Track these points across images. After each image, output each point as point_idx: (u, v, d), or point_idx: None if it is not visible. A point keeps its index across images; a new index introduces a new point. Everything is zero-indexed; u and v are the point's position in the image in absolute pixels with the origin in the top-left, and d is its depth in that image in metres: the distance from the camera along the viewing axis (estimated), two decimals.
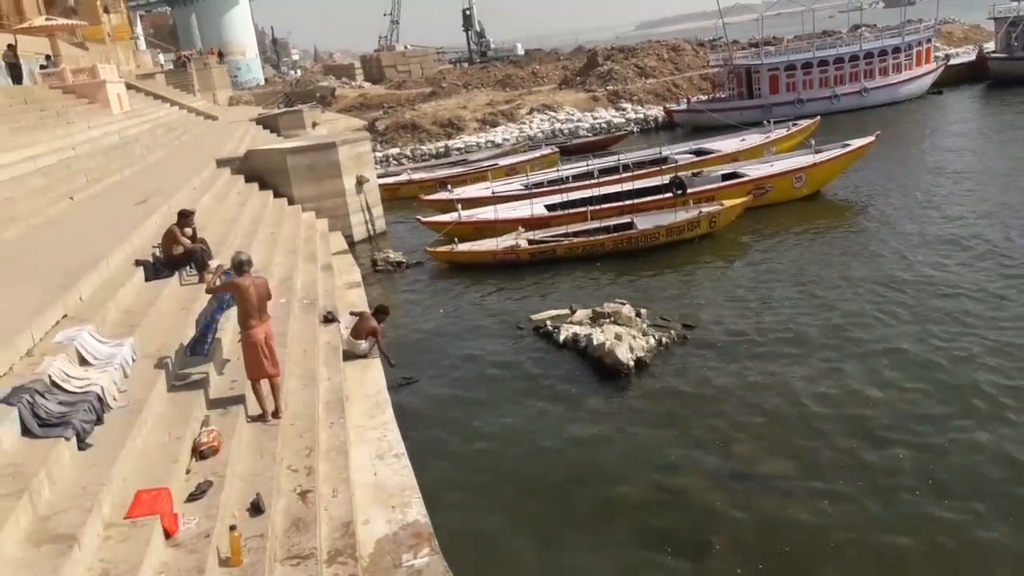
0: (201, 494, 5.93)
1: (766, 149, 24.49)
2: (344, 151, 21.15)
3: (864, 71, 37.64)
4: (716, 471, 8.72)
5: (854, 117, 34.30)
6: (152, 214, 12.22)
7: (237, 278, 7.40)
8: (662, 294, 14.84)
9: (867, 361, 11.00)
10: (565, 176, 23.76)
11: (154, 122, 25.47)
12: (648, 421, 9.98)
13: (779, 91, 37.53)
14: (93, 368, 6.75)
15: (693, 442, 9.35)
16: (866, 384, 10.32)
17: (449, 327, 14.28)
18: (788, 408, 9.92)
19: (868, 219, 18.69)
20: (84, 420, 5.93)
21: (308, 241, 16.29)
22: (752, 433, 9.41)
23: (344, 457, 7.65)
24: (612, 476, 8.84)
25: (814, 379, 10.62)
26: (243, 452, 6.89)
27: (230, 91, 53.84)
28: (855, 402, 9.90)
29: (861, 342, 11.63)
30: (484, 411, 10.81)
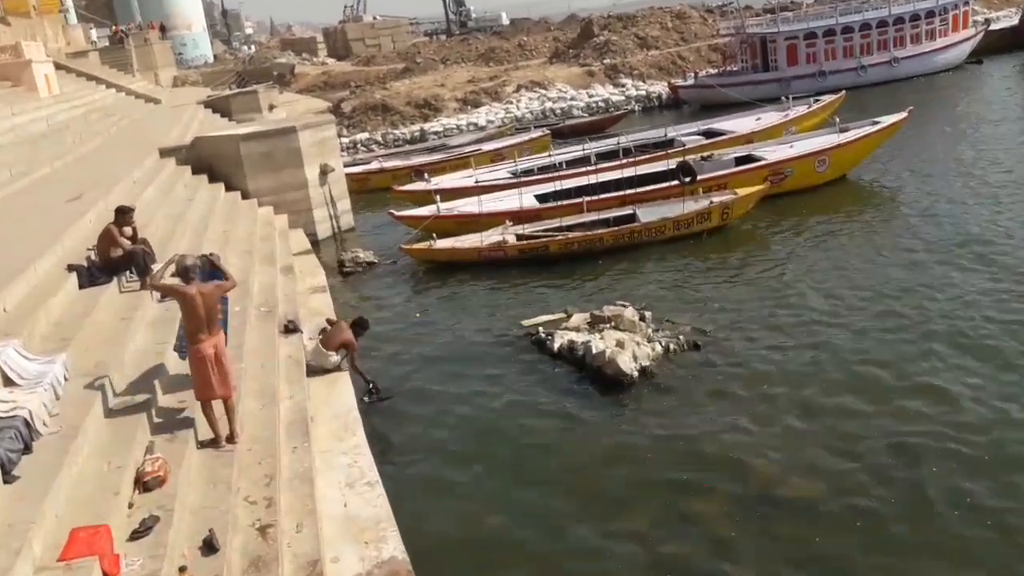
0: (146, 531, 5.90)
1: (785, 129, 24.62)
2: (306, 137, 21.10)
3: (894, 39, 37.90)
4: (733, 494, 8.74)
5: (883, 91, 34.56)
6: (86, 212, 12.16)
7: (183, 285, 7.36)
8: (669, 295, 14.88)
9: (901, 369, 11.06)
10: (558, 162, 23.78)
11: (88, 107, 25.35)
12: (655, 438, 10.00)
13: (798, 63, 37.76)
14: (20, 389, 6.71)
15: (706, 462, 9.38)
16: (901, 395, 10.38)
17: (428, 336, 14.27)
18: (812, 423, 9.96)
19: (901, 207, 18.82)
20: (9, 449, 5.90)
21: (265, 240, 16.25)
22: (772, 451, 9.44)
23: (309, 486, 7.63)
24: (616, 502, 8.86)
25: (842, 390, 10.68)
26: (193, 482, 6.86)
27: (174, 70, 53.66)
28: (888, 416, 9.95)
29: (895, 347, 11.71)
30: (469, 431, 10.81)
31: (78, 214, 12.07)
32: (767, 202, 19.26)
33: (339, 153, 23.61)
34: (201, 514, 6.44)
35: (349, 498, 8.04)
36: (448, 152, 30.49)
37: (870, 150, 21.65)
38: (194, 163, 19.88)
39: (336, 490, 8.16)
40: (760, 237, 17.88)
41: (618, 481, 9.26)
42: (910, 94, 31.19)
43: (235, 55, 78.65)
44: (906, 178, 20.97)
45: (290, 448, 8.21)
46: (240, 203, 19.01)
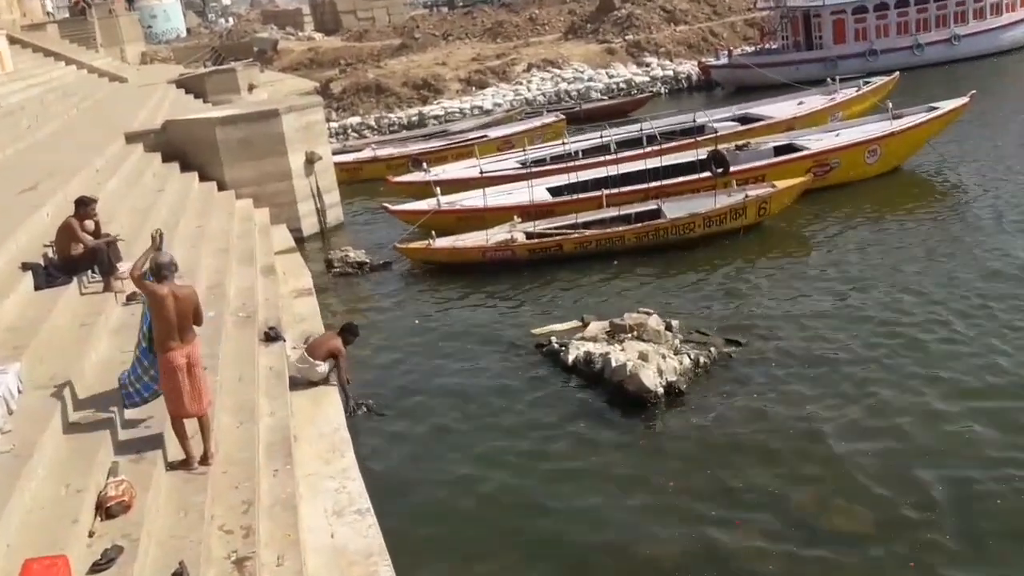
0: (108, 563, 5.90)
1: (830, 115, 24.60)
2: (290, 121, 21.16)
3: (955, 14, 37.81)
4: (770, 528, 8.71)
5: (942, 72, 34.48)
6: (43, 204, 12.22)
7: (155, 284, 7.36)
8: (699, 302, 14.88)
9: (964, 391, 10.96)
10: (573, 151, 23.82)
11: (45, 86, 25.48)
12: (682, 464, 9.98)
13: (846, 40, 37.70)
14: None
15: (740, 491, 9.35)
16: (964, 421, 10.29)
17: (426, 346, 14.28)
18: (860, 449, 9.91)
19: (963, 204, 18.78)
20: None
21: (244, 237, 16.30)
22: (816, 479, 9.41)
23: (292, 514, 7.65)
24: (637, 536, 8.83)
25: (894, 413, 10.60)
26: (162, 508, 6.88)
27: (143, 46, 53.93)
28: (948, 440, 9.89)
29: (959, 364, 11.60)
30: (471, 453, 10.80)
31: (33, 207, 12.12)
32: (810, 197, 19.23)
33: (327, 139, 23.69)
34: (170, 544, 6.44)
35: (337, 528, 8.05)
36: (450, 139, 30.55)
37: (927, 139, 21.60)
38: (164, 150, 19.96)
39: (322, 519, 8.18)
40: (801, 236, 17.86)
41: (639, 511, 9.23)
42: (972, 76, 31.04)
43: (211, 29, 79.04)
44: (968, 171, 20.91)
45: (271, 471, 8.23)
46: (216, 195, 19.07)
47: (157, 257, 7.52)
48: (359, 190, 25.84)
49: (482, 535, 9.18)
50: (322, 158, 21.92)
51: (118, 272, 10.25)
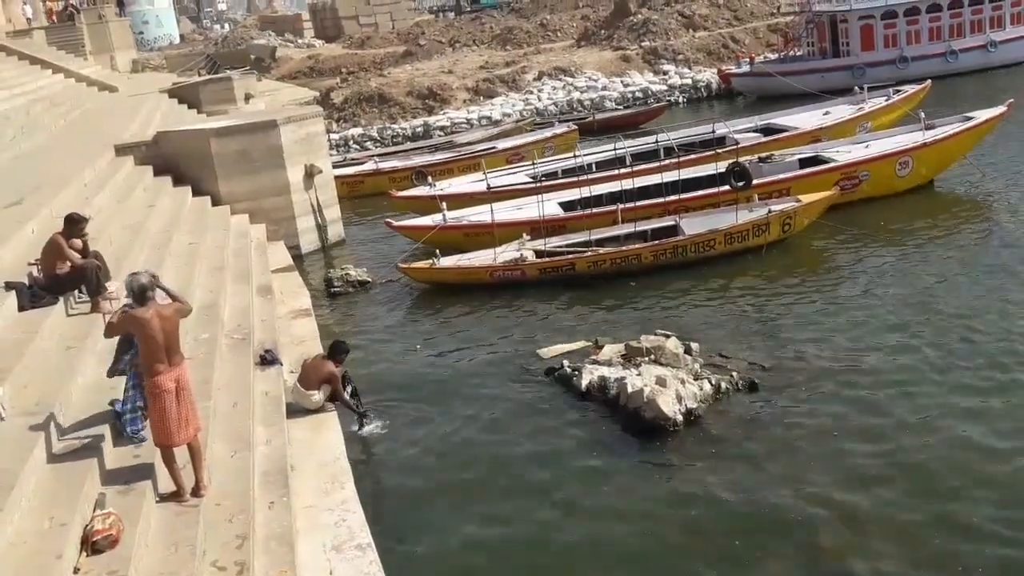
0: None
1: (858, 125, 24.61)
2: (288, 132, 21.27)
3: (991, 18, 37.89)
4: (798, 568, 8.67)
5: (978, 80, 34.50)
6: (28, 220, 12.27)
7: (136, 309, 7.36)
8: (720, 323, 14.86)
9: (1007, 424, 10.87)
10: (586, 164, 23.87)
11: (31, 95, 25.62)
12: (701, 496, 9.94)
13: (875, 47, 37.78)
14: None
15: (762, 526, 9.30)
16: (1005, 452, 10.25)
17: (431, 370, 14.29)
18: (897, 481, 9.87)
19: (1001, 220, 18.74)
20: None
21: (239, 254, 16.34)
22: (847, 515, 9.35)
23: (289, 549, 7.63)
24: (655, 572, 8.79)
25: (933, 442, 10.55)
26: (151, 543, 6.87)
27: (134, 53, 54.31)
28: (987, 473, 9.84)
29: (1000, 395, 11.54)
30: (479, 485, 10.78)
31: (18, 222, 12.18)
32: (837, 211, 19.23)
33: (328, 152, 23.78)
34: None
35: (336, 564, 8.03)
36: (456, 151, 30.67)
37: (962, 151, 21.58)
38: (156, 163, 20.05)
39: (321, 554, 8.16)
40: (829, 254, 17.83)
41: (656, 547, 9.20)
42: (1011, 85, 31.04)
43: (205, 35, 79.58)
44: (1006, 185, 20.88)
45: (266, 503, 8.21)
46: (210, 210, 19.15)
47: (137, 280, 7.49)
48: (361, 205, 25.95)
49: (490, 569, 9.16)
50: (322, 171, 22.01)
51: (106, 292, 10.27)
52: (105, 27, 48.06)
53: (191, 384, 7.67)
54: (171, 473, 7.52)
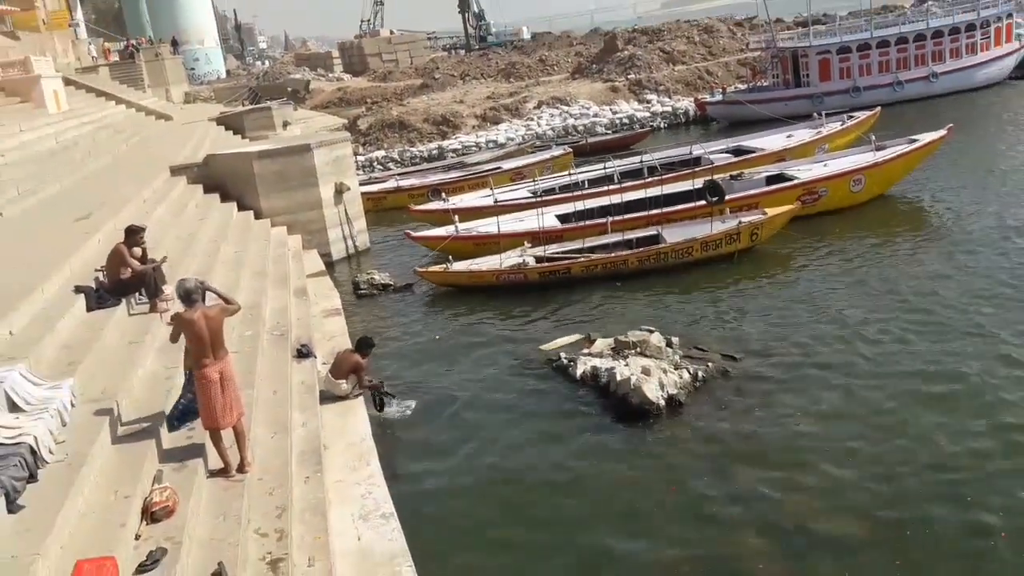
0: (153, 564, 5.91)
1: (817, 147, 24.58)
2: (321, 155, 21.30)
3: (932, 53, 37.83)
4: (766, 531, 8.65)
5: (921, 107, 34.43)
6: (96, 232, 12.30)
7: (184, 312, 7.39)
8: (697, 320, 14.84)
9: (948, 404, 10.89)
10: (580, 181, 23.86)
11: (97, 123, 25.68)
12: (683, 471, 9.93)
13: (831, 78, 37.75)
14: (25, 415, 6.76)
15: (737, 496, 9.30)
16: (948, 432, 10.20)
17: (445, 362, 14.28)
18: (849, 458, 9.85)
19: (942, 229, 18.70)
20: (14, 477, 5.93)
21: (278, 261, 16.36)
22: (809, 486, 9.35)
23: (322, 518, 7.63)
24: (642, 537, 8.79)
25: (881, 425, 10.55)
26: (202, 513, 6.88)
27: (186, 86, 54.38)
28: (933, 452, 9.81)
29: (941, 380, 11.53)
30: (487, 461, 10.78)
31: (86, 234, 12.20)
32: (799, 223, 19.20)
33: (355, 171, 23.80)
34: (210, 547, 6.44)
35: (363, 531, 8.03)
36: (466, 170, 30.68)
37: (908, 169, 21.56)
38: (206, 182, 20.10)
39: (349, 523, 8.16)
40: (792, 259, 17.79)
41: (644, 515, 9.20)
42: (950, 111, 31.00)
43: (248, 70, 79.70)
44: (947, 199, 20.83)
45: (302, 478, 8.22)
46: (253, 223, 19.17)
47: (183, 285, 7.55)
48: (384, 218, 25.96)
49: (499, 535, 9.16)
50: (350, 188, 22.04)
51: (163, 295, 10.29)
52: (161, 64, 48.12)
53: (235, 375, 7.68)
54: (219, 452, 7.54)
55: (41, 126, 21.13)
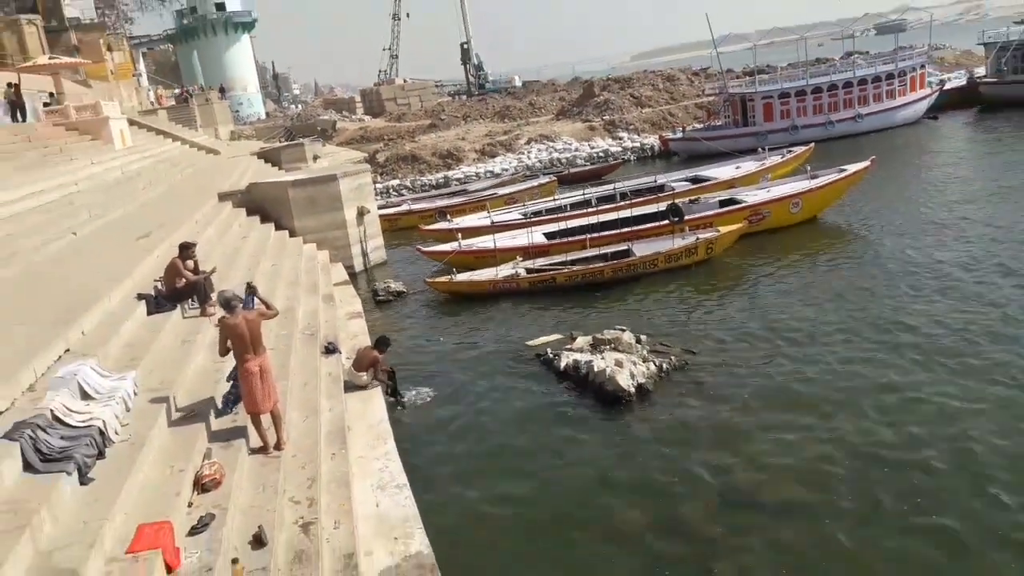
0: (203, 527, 5.89)
1: (761, 176, 24.67)
2: (345, 183, 21.31)
3: (858, 97, 37.99)
4: (720, 497, 8.66)
5: (849, 143, 34.56)
6: (154, 248, 12.28)
7: (227, 317, 7.40)
8: (662, 320, 14.85)
9: (867, 384, 10.97)
10: (563, 205, 23.92)
11: (156, 157, 25.65)
12: (650, 448, 9.94)
13: (774, 119, 37.87)
14: (95, 402, 6.74)
15: (696, 469, 9.30)
16: (870, 408, 10.28)
17: (449, 356, 14.27)
18: (790, 433, 9.87)
19: (865, 243, 18.75)
20: (86, 454, 5.92)
21: (309, 272, 16.34)
22: (757, 460, 9.35)
23: (346, 488, 7.61)
24: (616, 503, 8.78)
25: (817, 404, 10.59)
26: (245, 484, 6.86)
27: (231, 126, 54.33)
28: (857, 427, 9.85)
29: (863, 366, 11.61)
30: (486, 439, 10.77)
31: (147, 250, 12.19)
32: (747, 239, 19.25)
33: (374, 197, 23.83)
34: (251, 513, 6.42)
35: (381, 499, 8.02)
36: (468, 196, 30.71)
37: (838, 195, 21.64)
38: (248, 206, 20.09)
39: (369, 492, 8.15)
40: (741, 269, 17.83)
41: (615, 485, 9.19)
42: (873, 146, 31.09)
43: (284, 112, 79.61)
44: (870, 218, 20.90)
45: (329, 455, 8.20)
46: (288, 240, 19.15)
47: (223, 295, 7.57)
48: (398, 236, 25.94)
49: (495, 502, 9.14)
50: (370, 211, 22.04)
51: (212, 301, 10.28)
52: (211, 107, 48.11)
53: (272, 368, 7.67)
54: (259, 433, 7.52)
55: (108, 160, 21.08)
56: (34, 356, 7.16)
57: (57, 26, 38.47)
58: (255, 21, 79.15)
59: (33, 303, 9.25)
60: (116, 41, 44.22)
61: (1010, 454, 8.86)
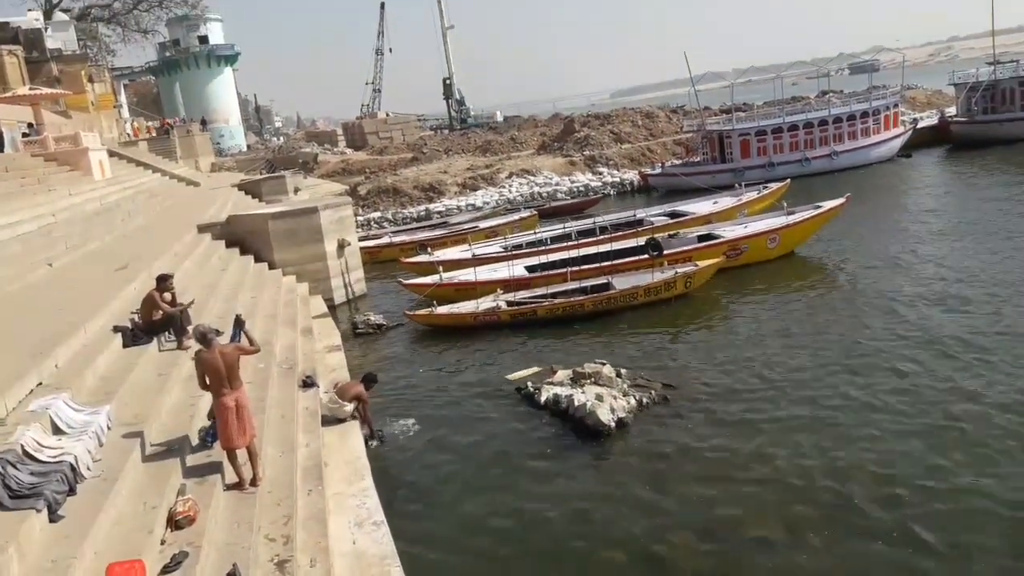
0: (176, 566, 5.78)
1: (738, 211, 24.95)
2: (326, 215, 21.29)
3: (834, 135, 38.67)
4: (700, 534, 8.62)
5: (825, 180, 35.11)
6: (132, 280, 12.19)
7: (203, 351, 7.34)
8: (642, 354, 14.88)
9: (845, 418, 11.03)
10: (544, 238, 24.04)
11: (136, 188, 25.54)
12: (631, 483, 9.90)
13: (751, 155, 38.39)
14: (67, 437, 6.63)
15: (677, 504, 9.27)
16: (844, 442, 10.32)
17: (429, 390, 14.18)
18: (770, 468, 9.88)
19: (841, 278, 18.98)
20: (56, 491, 5.81)
21: (288, 305, 16.24)
22: (735, 494, 9.35)
23: (322, 525, 7.50)
24: (596, 540, 8.72)
25: (794, 439, 10.62)
26: (220, 521, 6.74)
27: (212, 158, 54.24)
28: (832, 462, 9.88)
29: (839, 400, 11.68)
30: (464, 475, 10.68)
31: (125, 281, 12.09)
32: (726, 274, 19.41)
33: (355, 229, 23.78)
34: (226, 550, 6.31)
35: (358, 536, 7.89)
36: (449, 229, 30.77)
37: (814, 230, 21.91)
38: (228, 238, 19.99)
39: (346, 529, 8.02)
40: (719, 303, 17.96)
41: (595, 519, 9.12)
42: (848, 183, 31.59)
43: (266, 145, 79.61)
44: (846, 253, 21.18)
45: (306, 491, 8.09)
46: (267, 273, 19.04)
47: (199, 328, 7.54)
48: (379, 268, 25.91)
49: (474, 538, 9.04)
50: (351, 244, 22.01)
51: (189, 334, 10.18)
52: (192, 139, 48.07)
53: (249, 403, 7.59)
54: (235, 469, 7.42)
55: (87, 191, 20.96)
56: (6, 390, 7.04)
57: (38, 57, 38.43)
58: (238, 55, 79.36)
59: (6, 335, 9.12)
60: (98, 72, 44.17)
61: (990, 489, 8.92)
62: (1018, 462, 9.41)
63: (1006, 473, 9.16)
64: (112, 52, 60.89)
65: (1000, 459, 9.51)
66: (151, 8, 66.45)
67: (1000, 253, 18.98)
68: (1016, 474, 9.14)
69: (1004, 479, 9.04)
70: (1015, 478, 9.04)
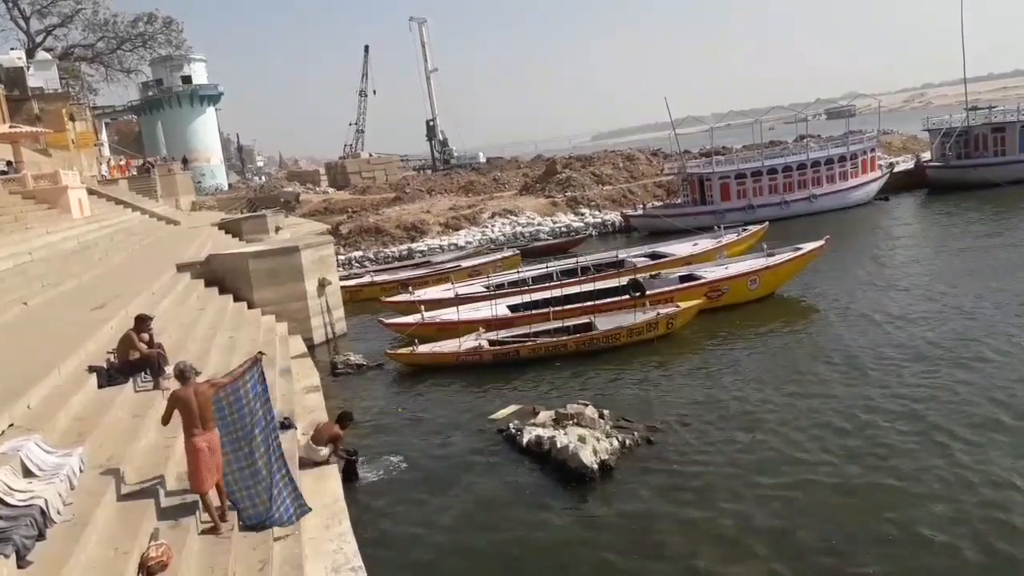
0: None
1: (718, 253, 25.19)
2: (307, 255, 21.26)
3: (812, 178, 39.31)
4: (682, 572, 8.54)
5: (803, 222, 35.62)
6: (110, 320, 12.07)
7: (178, 389, 7.27)
8: (624, 395, 14.86)
9: (825, 461, 11.03)
10: (526, 278, 24.10)
11: (115, 227, 25.43)
12: (612, 527, 9.81)
13: (731, 198, 38.90)
14: (38, 480, 6.50)
15: (660, 549, 9.19)
16: (830, 487, 10.32)
17: (409, 430, 14.06)
18: (755, 512, 9.84)
19: (820, 319, 19.15)
20: (25, 536, 5.67)
21: (267, 345, 16.10)
22: (720, 538, 9.29)
23: (299, 571, 7.36)
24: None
25: (777, 480, 10.61)
26: (193, 567, 6.61)
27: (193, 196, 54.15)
28: (820, 505, 9.88)
29: (820, 439, 11.71)
30: (445, 518, 10.54)
31: (101, 321, 11.97)
32: (707, 315, 19.53)
33: (336, 268, 23.79)
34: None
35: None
36: (431, 268, 30.80)
37: (794, 272, 22.14)
38: (207, 277, 19.89)
39: (323, 575, 7.87)
40: (701, 344, 18.03)
41: (581, 565, 9.02)
42: (827, 226, 32.08)
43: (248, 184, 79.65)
44: (825, 295, 21.40)
45: (281, 536, 7.95)
46: (246, 312, 18.94)
47: (178, 365, 7.49)
48: (360, 307, 25.82)
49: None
50: (331, 283, 21.96)
51: (166, 375, 10.07)
52: (173, 178, 47.99)
53: (219, 445, 7.47)
54: (208, 513, 7.31)
55: (65, 229, 20.85)
56: None
57: (19, 95, 38.46)
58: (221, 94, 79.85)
59: None
60: (79, 110, 44.18)
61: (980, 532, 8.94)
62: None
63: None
64: (94, 91, 61.16)
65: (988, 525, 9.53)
66: (135, 48, 67.03)
67: (980, 294, 19.26)
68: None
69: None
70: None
